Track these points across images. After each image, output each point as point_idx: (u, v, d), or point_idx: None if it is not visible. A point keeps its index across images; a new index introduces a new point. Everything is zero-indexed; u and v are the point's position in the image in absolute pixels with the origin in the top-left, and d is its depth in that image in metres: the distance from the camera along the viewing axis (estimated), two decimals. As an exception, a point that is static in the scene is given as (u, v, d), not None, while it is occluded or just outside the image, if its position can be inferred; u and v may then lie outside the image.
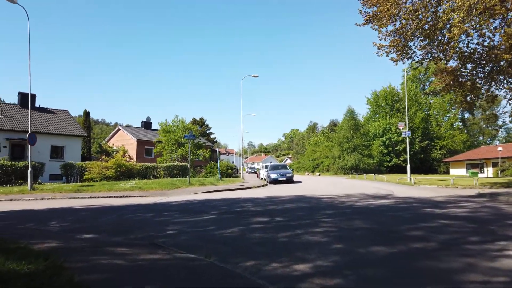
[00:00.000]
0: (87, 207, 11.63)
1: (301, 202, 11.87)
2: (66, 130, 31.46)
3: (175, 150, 35.73)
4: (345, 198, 13.08)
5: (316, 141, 75.50)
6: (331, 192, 16.02)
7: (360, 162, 48.84)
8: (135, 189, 17.15)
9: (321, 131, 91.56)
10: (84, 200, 14.16)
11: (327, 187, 19.97)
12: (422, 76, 74.95)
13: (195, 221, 8.21)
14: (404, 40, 16.08)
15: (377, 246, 5.47)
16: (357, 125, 53.10)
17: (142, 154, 44.57)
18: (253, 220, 8.19)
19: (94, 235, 6.75)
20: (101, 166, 22.49)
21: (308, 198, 13.35)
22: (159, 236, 6.53)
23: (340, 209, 9.87)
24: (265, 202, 12.20)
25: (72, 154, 31.00)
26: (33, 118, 30.70)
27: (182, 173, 29.91)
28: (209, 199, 13.94)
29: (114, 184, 18.43)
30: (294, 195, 14.57)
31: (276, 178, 24.69)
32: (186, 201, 13.06)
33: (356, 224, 7.40)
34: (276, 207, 10.54)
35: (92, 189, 16.78)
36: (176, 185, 19.05)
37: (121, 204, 12.46)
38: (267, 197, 14.00)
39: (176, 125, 36.64)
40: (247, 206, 11.01)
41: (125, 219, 8.85)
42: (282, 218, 8.41)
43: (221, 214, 9.28)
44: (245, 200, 13.25)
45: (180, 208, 11.03)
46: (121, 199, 14.35)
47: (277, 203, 11.67)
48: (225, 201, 12.96)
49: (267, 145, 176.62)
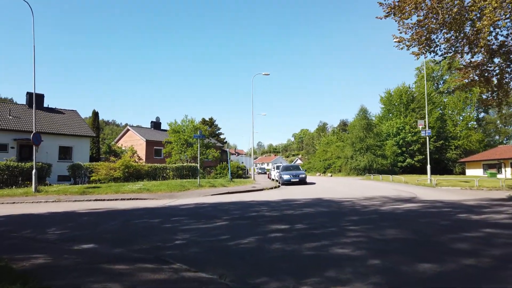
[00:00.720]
0: (90, 211, 10.92)
1: (320, 206, 10.98)
2: (74, 130, 30.98)
3: (184, 151, 35.09)
4: (366, 201, 12.14)
5: (327, 141, 74.31)
6: (349, 195, 15.08)
7: (374, 163, 47.62)
8: (142, 191, 16.45)
9: (332, 131, 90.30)
10: (89, 203, 13.47)
11: (344, 189, 19.01)
12: (436, 74, 73.36)
13: (206, 229, 7.40)
14: (427, 33, 15.08)
15: (423, 263, 4.59)
16: (370, 125, 51.86)
17: (151, 154, 44.05)
18: (270, 227, 7.35)
19: (93, 246, 5.99)
20: (109, 167, 21.86)
21: (327, 201, 12.45)
22: (166, 248, 5.73)
23: (365, 215, 8.96)
24: (281, 206, 11.34)
25: (80, 155, 30.51)
26: (41, 118, 30.35)
27: (191, 174, 29.21)
28: (220, 202, 13.14)
29: (121, 186, 17.75)
30: (311, 198, 13.68)
31: (289, 180, 23.79)
32: (196, 205, 12.28)
33: (389, 234, 6.50)
34: (294, 212, 9.67)
35: (98, 191, 16.12)
36: (186, 187, 18.31)
37: (127, 207, 11.74)
38: (282, 200, 13.13)
39: (186, 125, 36.01)
40: (262, 211, 10.17)
41: (130, 225, 8.09)
42: (303, 225, 7.55)
43: (235, 220, 8.45)
44: (259, 203, 12.40)
45: (189, 212, 10.25)
46: (127, 202, 13.63)
47: (294, 207, 10.80)
48: (238, 204, 12.14)
49: (276, 145, 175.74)
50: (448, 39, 15.06)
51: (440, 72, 72.33)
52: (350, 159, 50.50)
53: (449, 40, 15.18)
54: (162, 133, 47.10)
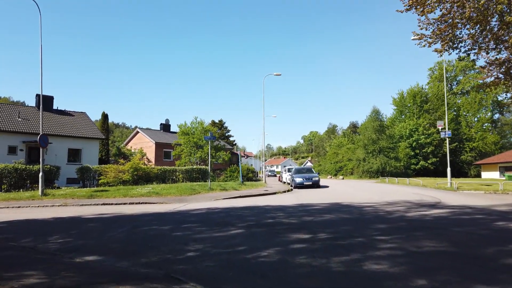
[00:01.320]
0: (97, 217, 10.37)
1: (340, 212, 10.25)
2: (83, 132, 30.74)
3: (194, 153, 34.57)
4: (389, 207, 11.38)
5: (337, 143, 73.26)
6: (368, 200, 14.30)
7: (387, 165, 46.52)
8: (152, 195, 15.90)
9: (343, 133, 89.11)
10: (96, 207, 12.95)
11: (361, 193, 18.21)
12: (449, 75, 71.91)
13: (220, 238, 6.76)
14: (450, 28, 14.27)
15: (477, 284, 3.87)
16: (382, 126, 50.77)
17: (161, 157, 43.70)
18: (291, 236, 6.67)
19: (96, 258, 5.40)
20: (117, 169, 21.41)
21: (346, 206, 11.71)
22: (177, 261, 5.11)
23: (392, 222, 8.22)
24: (298, 211, 10.65)
25: (89, 157, 30.24)
26: (50, 120, 30.16)
27: (201, 177, 28.67)
28: (233, 207, 12.49)
29: (130, 189, 17.24)
30: (329, 203, 12.94)
31: (302, 183, 23.05)
32: (207, 210, 11.66)
33: (426, 245, 5.77)
34: (314, 219, 8.97)
35: (106, 195, 15.62)
36: (196, 190, 17.72)
37: (136, 212, 11.17)
38: (299, 205, 12.42)
39: (195, 127, 35.49)
40: (278, 217, 9.49)
41: (138, 233, 7.49)
42: (326, 234, 6.86)
43: (250, 228, 7.80)
44: (274, 208, 11.72)
45: (201, 218, 9.62)
46: (136, 207, 13.08)
47: (313, 213, 10.09)
48: (252, 209, 11.48)
49: (285, 147, 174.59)
50: (473, 34, 14.24)
51: (454, 73, 70.89)
52: (362, 162, 49.44)
53: (474, 35, 14.37)
54: (171, 135, 46.76)
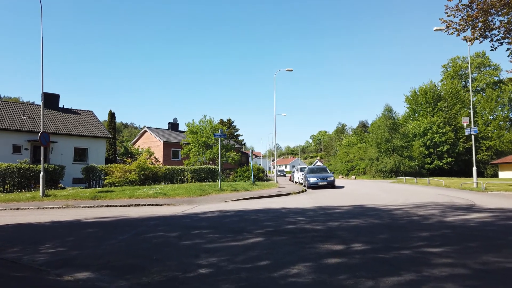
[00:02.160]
0: (98, 221, 9.42)
1: (368, 216, 9.15)
2: (90, 131, 29.99)
3: (203, 152, 33.65)
4: (420, 210, 10.23)
5: (348, 142, 71.83)
6: (393, 201, 13.14)
7: (401, 165, 45.04)
8: (159, 196, 14.94)
9: (353, 132, 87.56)
10: (99, 209, 12.02)
11: (382, 194, 17.01)
12: (464, 72, 70.05)
13: (236, 248, 5.73)
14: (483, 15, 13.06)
15: None
16: (395, 124, 49.26)
17: (169, 156, 42.91)
18: (320, 247, 5.61)
19: (89, 275, 4.42)
20: (123, 169, 20.51)
21: (372, 210, 10.59)
22: (186, 280, 4.11)
23: (433, 229, 7.10)
24: (320, 215, 9.57)
25: (96, 157, 29.50)
26: (55, 118, 29.49)
27: (210, 177, 27.72)
28: (246, 209, 11.46)
29: (136, 190, 16.31)
30: (351, 206, 11.82)
31: (316, 183, 21.90)
32: (219, 212, 10.65)
33: (492, 261, 4.66)
34: (340, 225, 7.88)
35: (111, 196, 14.70)
36: (206, 191, 16.72)
37: (141, 215, 10.20)
38: (318, 208, 11.32)
39: (204, 125, 34.58)
40: (299, 222, 8.42)
41: (141, 241, 6.51)
42: (361, 245, 5.78)
43: (270, 236, 6.75)
44: (292, 212, 10.65)
45: (212, 223, 8.61)
46: (142, 209, 12.12)
47: (337, 218, 9.00)
48: (267, 213, 10.43)
49: (294, 147, 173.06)
50: (509, 20, 13.00)
51: (468, 70, 68.96)
52: (375, 161, 47.99)
53: (509, 22, 13.13)
54: (179, 134, 45.97)
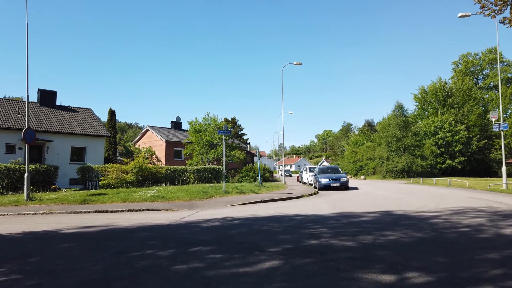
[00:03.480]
0: (79, 232, 7.91)
1: (403, 226, 7.54)
2: (88, 130, 28.58)
3: (207, 152, 32.12)
4: (462, 218, 8.58)
5: (355, 141, 69.99)
6: (422, 206, 11.48)
7: (413, 164, 43.20)
8: (156, 199, 13.42)
9: (360, 130, 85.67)
10: (86, 216, 10.52)
11: (404, 197, 15.34)
12: (475, 69, 68.00)
13: (247, 277, 4.15)
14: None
15: None
16: (407, 123, 47.39)
17: (171, 156, 41.50)
18: (363, 279, 3.99)
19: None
20: (120, 170, 19.00)
21: (404, 218, 8.95)
22: None
23: (499, 247, 5.46)
24: (344, 225, 7.96)
25: (94, 156, 28.09)
26: (51, 116, 28.10)
27: (214, 177, 26.19)
28: (255, 216, 9.89)
29: (132, 193, 14.81)
30: (377, 212, 10.18)
31: (328, 184, 20.25)
32: (223, 220, 9.10)
33: None
34: (375, 239, 6.27)
35: (103, 200, 13.20)
36: (209, 194, 15.18)
37: (132, 224, 8.68)
38: (340, 215, 9.69)
39: (207, 123, 33.04)
40: (323, 235, 6.82)
41: (122, 265, 4.95)
42: (418, 274, 4.16)
43: (290, 256, 5.14)
44: (309, 220, 9.04)
45: (215, 235, 7.06)
46: (134, 215, 10.60)
47: (367, 229, 7.38)
48: (281, 221, 8.84)
49: (298, 146, 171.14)
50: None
51: (479, 67, 66.94)
52: (386, 160, 46.14)
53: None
54: (182, 133, 44.56)
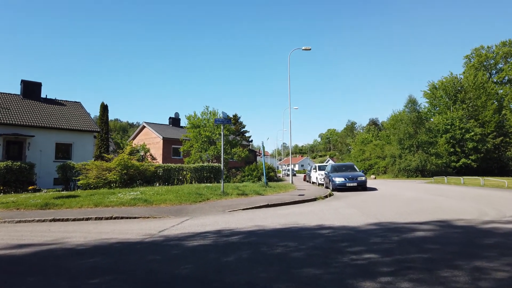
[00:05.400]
0: (12, 254, 5.31)
1: (497, 249, 4.91)
2: (75, 124, 25.98)
3: (206, 149, 29.47)
4: None
5: (362, 139, 67.23)
6: (482, 214, 8.73)
7: (427, 163, 40.39)
8: (137, 203, 10.80)
9: (367, 128, 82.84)
10: (36, 227, 7.91)
11: (442, 200, 12.54)
12: (488, 63, 64.98)
13: None
14: None
15: None
16: (420, 118, 44.52)
17: (169, 154, 38.90)
18: None
19: None
20: (101, 167, 16.38)
21: (475, 231, 6.26)
22: None
23: None
24: (399, 246, 5.26)
25: (82, 153, 25.46)
26: (35, 109, 25.53)
27: (214, 177, 23.53)
28: (261, 228, 7.25)
29: (110, 195, 12.16)
30: (430, 222, 7.42)
31: (343, 184, 17.52)
32: (217, 236, 6.46)
33: None
34: (471, 282, 3.64)
35: (70, 204, 10.57)
36: (203, 196, 12.52)
37: (86, 242, 6.07)
38: (379, 227, 6.99)
39: (207, 118, 30.40)
40: (378, 270, 4.13)
41: None
42: None
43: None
44: (342, 236, 6.31)
45: (201, 267, 4.43)
46: (101, 225, 7.98)
47: (444, 256, 4.69)
48: (300, 238, 6.17)
49: (302, 146, 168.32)
50: None
51: (493, 61, 63.92)
52: (398, 159, 43.32)
53: None
54: (181, 130, 41.90)
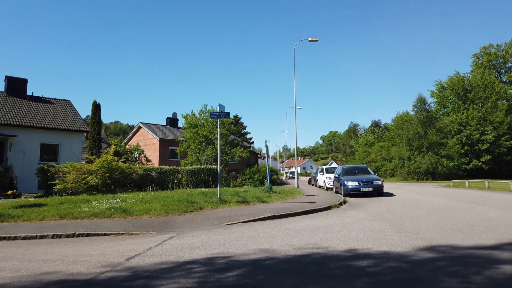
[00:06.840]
0: None
1: None
2: (62, 124, 24.05)
3: (204, 150, 27.52)
4: None
5: (366, 141, 65.19)
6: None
7: (438, 165, 38.27)
8: (114, 214, 8.81)
9: (371, 130, 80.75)
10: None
11: (482, 209, 10.50)
12: (497, 62, 62.86)
13: None
14: None
15: None
16: (430, 118, 42.38)
17: (166, 156, 36.93)
18: None
19: None
20: (81, 170, 14.41)
21: None
22: None
23: None
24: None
25: (70, 155, 23.46)
26: (20, 107, 23.59)
27: (212, 180, 21.57)
28: (269, 255, 5.24)
29: (83, 203, 10.16)
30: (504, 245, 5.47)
31: (357, 188, 15.40)
32: (207, 268, 4.47)
33: None
34: None
35: (30, 215, 8.57)
36: (196, 205, 10.49)
37: (21, 279, 4.10)
38: (443, 256, 4.94)
39: (205, 117, 28.46)
40: None
41: None
42: None
43: None
44: (392, 274, 4.31)
45: None
46: (56, 249, 6.00)
47: None
48: (326, 274, 4.16)
49: (303, 148, 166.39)
50: None
51: (502, 59, 61.84)
52: (407, 161, 41.17)
53: None
54: (179, 131, 39.90)
